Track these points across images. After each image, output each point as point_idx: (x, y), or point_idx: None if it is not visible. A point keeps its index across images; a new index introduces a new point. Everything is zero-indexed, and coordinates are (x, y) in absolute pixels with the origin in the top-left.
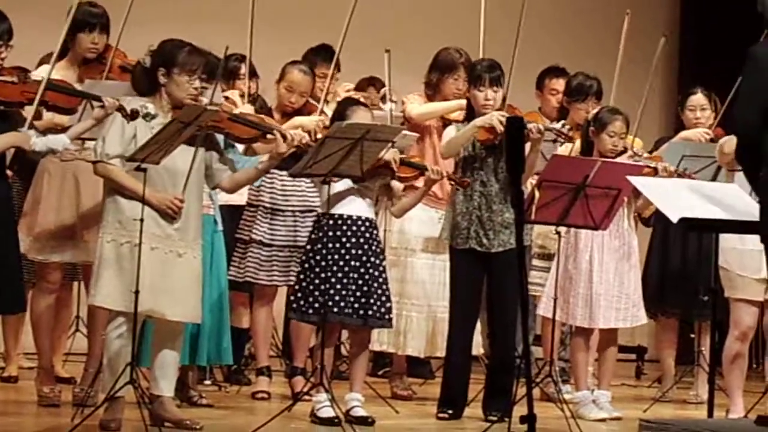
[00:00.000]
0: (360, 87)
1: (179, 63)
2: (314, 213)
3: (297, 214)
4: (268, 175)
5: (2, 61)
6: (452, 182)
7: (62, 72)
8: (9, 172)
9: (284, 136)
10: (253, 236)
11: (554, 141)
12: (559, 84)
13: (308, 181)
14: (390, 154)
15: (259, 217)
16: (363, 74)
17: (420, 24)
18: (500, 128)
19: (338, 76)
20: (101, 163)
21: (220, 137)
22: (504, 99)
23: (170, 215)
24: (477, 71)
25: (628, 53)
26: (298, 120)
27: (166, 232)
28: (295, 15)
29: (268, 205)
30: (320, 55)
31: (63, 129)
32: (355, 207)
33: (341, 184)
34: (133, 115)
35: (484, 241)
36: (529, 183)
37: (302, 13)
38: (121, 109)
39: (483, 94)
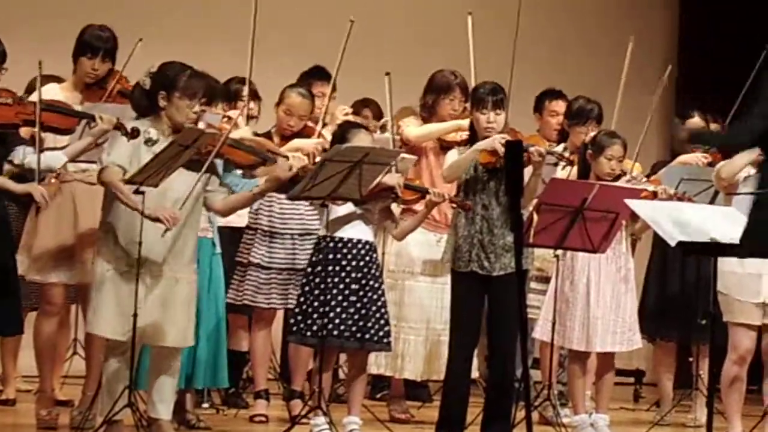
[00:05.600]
0: (355, 109)
1: (180, 87)
2: (313, 236)
3: (296, 237)
4: (267, 199)
5: None
6: (454, 205)
7: (65, 93)
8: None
9: (285, 165)
10: (252, 259)
11: (555, 164)
12: (559, 106)
13: (307, 204)
14: (394, 179)
15: (257, 240)
16: (360, 94)
17: (418, 47)
18: (502, 151)
19: (335, 96)
20: (107, 168)
21: (218, 161)
22: (506, 122)
23: (166, 225)
24: (479, 94)
25: (627, 78)
26: (296, 143)
27: (162, 257)
28: (291, 37)
29: (266, 228)
30: (315, 75)
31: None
32: (356, 230)
33: (343, 208)
34: (132, 134)
35: (486, 264)
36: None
37: (298, 34)
38: (119, 127)
39: (486, 117)
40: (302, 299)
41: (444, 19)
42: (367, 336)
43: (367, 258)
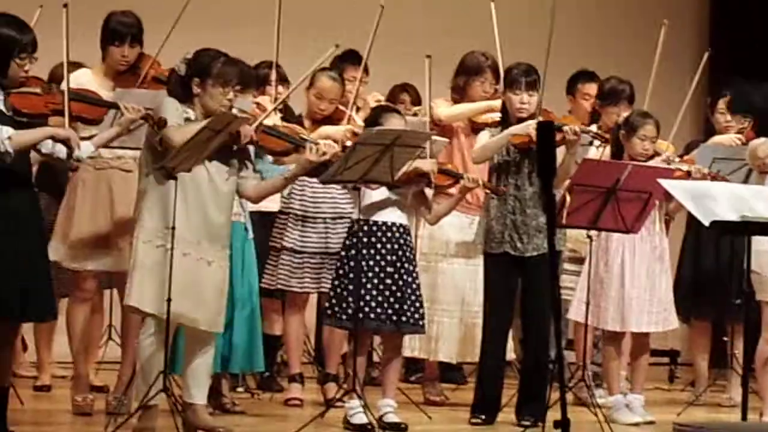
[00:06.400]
0: (393, 94)
1: (214, 74)
2: (345, 219)
3: (328, 220)
4: (299, 183)
5: (26, 72)
6: (488, 190)
7: (97, 81)
8: None
9: (316, 148)
10: (285, 244)
11: (590, 143)
12: (592, 89)
13: (339, 187)
14: (429, 165)
15: (290, 224)
16: (393, 79)
17: (449, 30)
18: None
19: (367, 80)
20: (168, 130)
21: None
22: (539, 103)
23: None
24: (513, 75)
25: (659, 59)
26: (325, 130)
27: (197, 239)
28: (324, 22)
29: (298, 212)
30: (348, 60)
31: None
32: (390, 214)
33: (377, 194)
34: (160, 124)
35: (518, 245)
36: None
37: (332, 19)
38: (147, 117)
39: (519, 98)
40: (337, 283)
41: (476, 2)
42: (403, 319)
43: (402, 241)
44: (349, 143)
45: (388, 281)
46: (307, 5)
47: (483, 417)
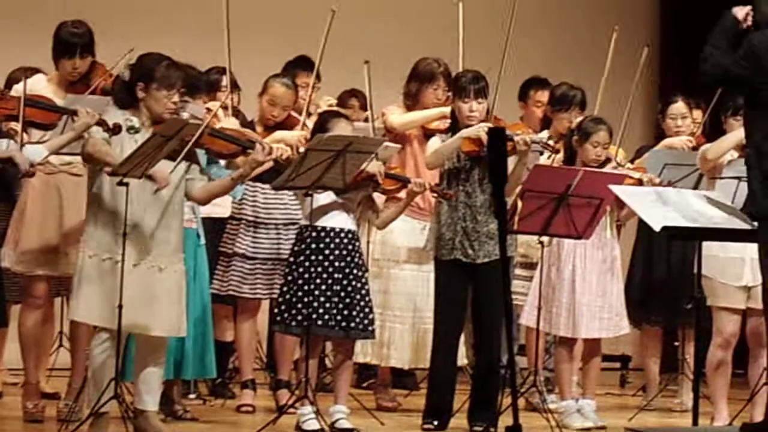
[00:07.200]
0: (342, 99)
1: (157, 78)
2: (297, 225)
3: (280, 226)
4: (251, 189)
5: None
6: (435, 194)
7: (52, 88)
8: None
9: (263, 147)
10: (236, 249)
11: (541, 153)
12: (545, 96)
13: (291, 193)
14: (375, 167)
15: (241, 230)
16: (345, 85)
17: (401, 35)
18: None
19: (319, 86)
20: (91, 138)
21: (200, 151)
22: (489, 110)
23: (158, 184)
24: (461, 83)
25: (611, 64)
26: (279, 134)
27: (146, 247)
28: (273, 27)
29: (250, 218)
30: (300, 66)
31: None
32: (338, 219)
33: (324, 197)
34: (114, 130)
35: (470, 251)
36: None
37: (281, 24)
38: (102, 123)
39: (467, 106)
40: (285, 289)
41: (428, 7)
42: (352, 324)
43: (350, 247)
44: (302, 149)
45: (337, 287)
46: (259, 11)
47: (435, 423)
